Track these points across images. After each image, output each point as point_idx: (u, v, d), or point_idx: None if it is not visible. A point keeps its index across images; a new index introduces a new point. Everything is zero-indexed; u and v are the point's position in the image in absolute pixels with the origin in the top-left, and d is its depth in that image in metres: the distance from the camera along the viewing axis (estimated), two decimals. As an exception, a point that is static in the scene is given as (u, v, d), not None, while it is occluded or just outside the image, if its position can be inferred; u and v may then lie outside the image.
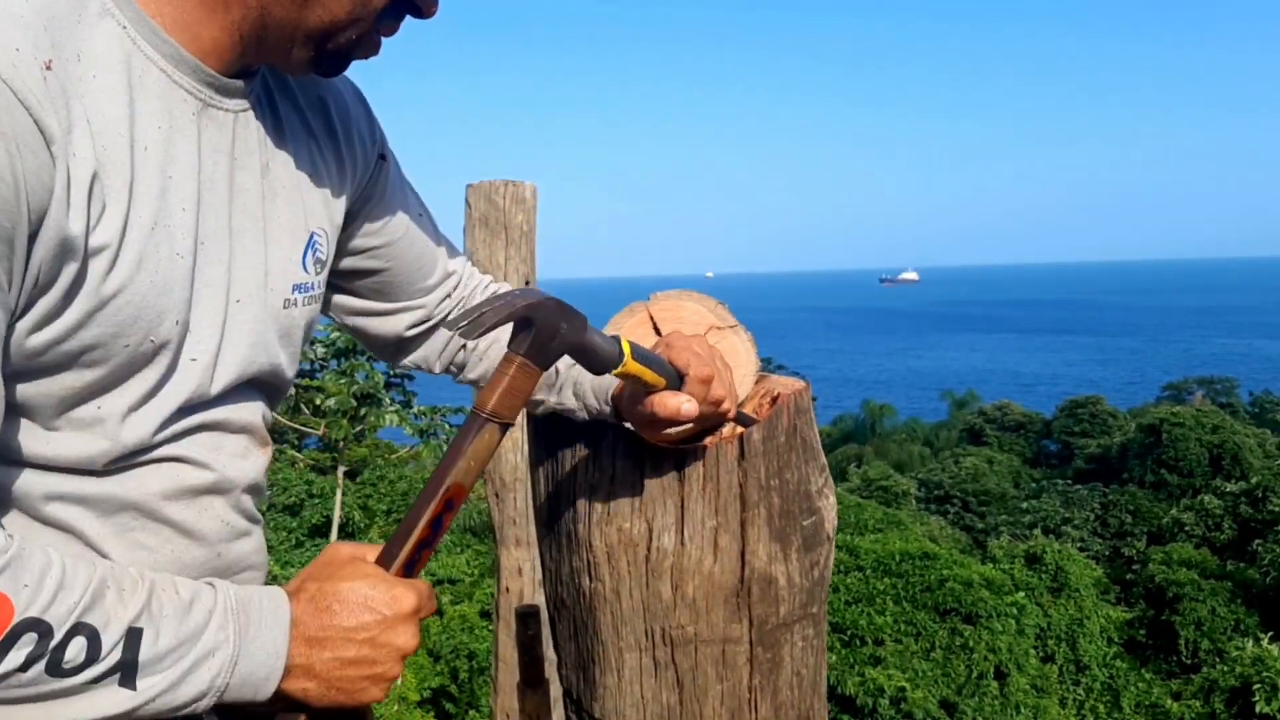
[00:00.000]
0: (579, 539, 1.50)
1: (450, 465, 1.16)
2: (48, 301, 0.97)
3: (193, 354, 1.12)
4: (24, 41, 0.91)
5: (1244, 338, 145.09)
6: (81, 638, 0.96)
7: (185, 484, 1.15)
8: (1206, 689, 19.16)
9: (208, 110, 1.10)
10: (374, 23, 1.12)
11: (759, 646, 1.48)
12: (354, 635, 1.11)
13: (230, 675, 1.05)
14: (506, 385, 1.17)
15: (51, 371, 1.01)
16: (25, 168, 0.89)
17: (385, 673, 1.14)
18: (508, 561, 4.81)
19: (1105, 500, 37.24)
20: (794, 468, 1.48)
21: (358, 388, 17.37)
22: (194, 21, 1.07)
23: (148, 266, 1.03)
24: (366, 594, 1.12)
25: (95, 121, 0.97)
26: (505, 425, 1.17)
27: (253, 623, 1.07)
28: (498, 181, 4.64)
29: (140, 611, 1.00)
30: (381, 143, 1.39)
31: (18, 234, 0.90)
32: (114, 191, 0.99)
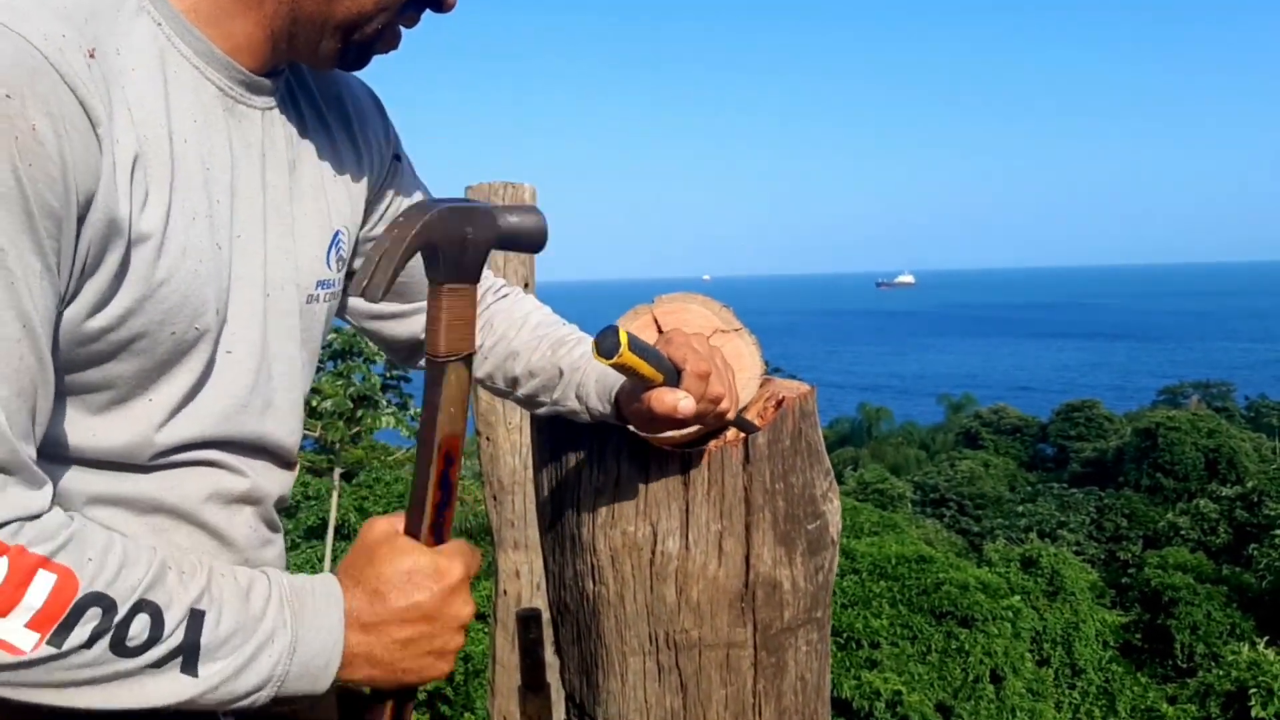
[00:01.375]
0: (583, 542, 1.49)
1: (433, 422, 1.11)
2: (96, 286, 0.97)
3: (228, 347, 1.13)
4: (69, 29, 0.92)
5: (1240, 342, 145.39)
6: (145, 615, 0.94)
7: (221, 489, 1.16)
8: (1202, 693, 19.18)
9: (237, 107, 1.12)
10: (397, 14, 1.14)
11: (763, 651, 1.48)
12: (408, 615, 1.09)
13: (290, 663, 1.03)
14: (446, 319, 1.09)
15: (102, 360, 1.02)
16: (73, 148, 0.90)
17: (446, 645, 1.12)
18: (505, 564, 4.80)
19: (1101, 504, 37.31)
20: (799, 471, 1.48)
21: (354, 390, 17.38)
22: (226, 17, 1.08)
23: (191, 255, 1.04)
24: (411, 571, 1.10)
25: (136, 111, 0.98)
26: (467, 358, 1.12)
27: (308, 609, 1.06)
28: (497, 183, 4.64)
29: (201, 594, 0.99)
30: (396, 143, 1.41)
31: (66, 214, 0.91)
32: (156, 180, 1.00)
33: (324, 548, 18.66)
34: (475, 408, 4.80)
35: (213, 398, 1.12)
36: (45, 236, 0.89)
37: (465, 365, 1.12)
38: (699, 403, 1.27)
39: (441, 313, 1.09)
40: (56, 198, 0.89)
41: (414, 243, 1.05)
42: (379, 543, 1.13)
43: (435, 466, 1.12)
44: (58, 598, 0.90)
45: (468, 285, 1.10)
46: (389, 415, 18.06)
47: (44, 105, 0.88)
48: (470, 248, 1.09)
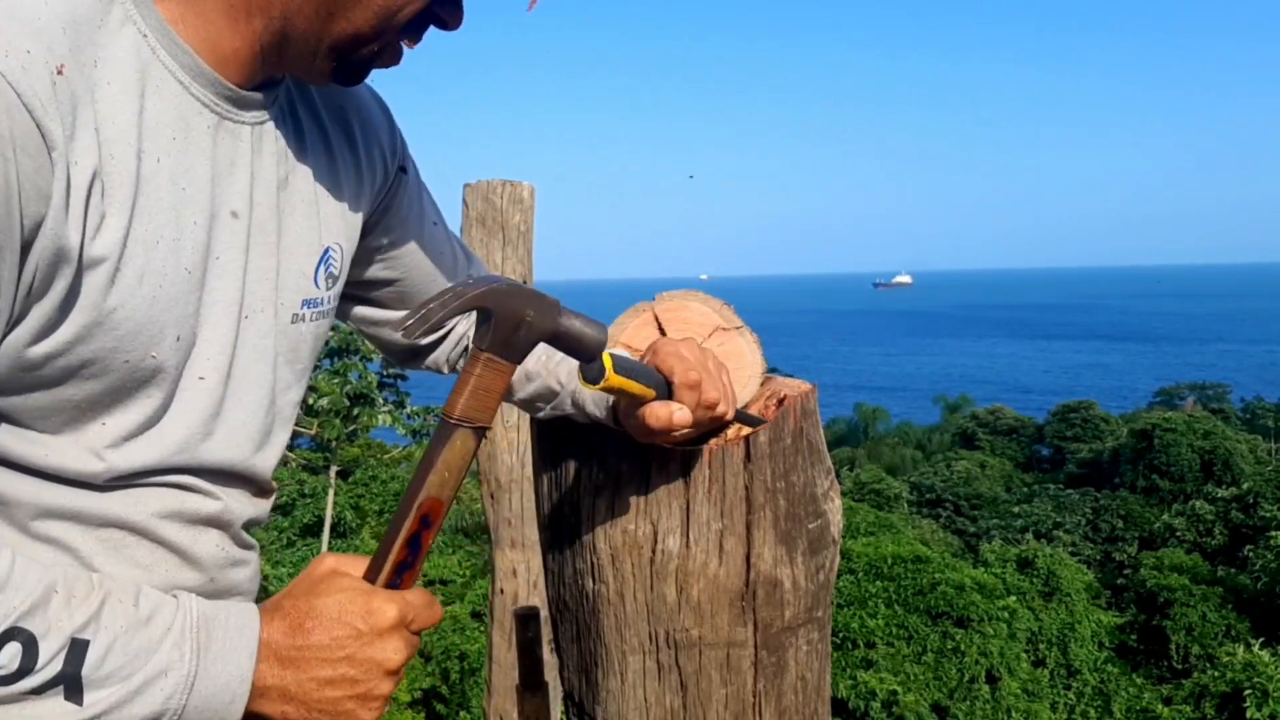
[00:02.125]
0: (583, 541, 1.48)
1: (423, 479, 1.08)
2: (42, 311, 0.94)
3: (200, 372, 1.10)
4: (37, 45, 0.89)
5: (1237, 344, 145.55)
6: (16, 643, 0.90)
7: (185, 509, 1.13)
8: (1197, 694, 19.18)
9: (224, 123, 1.08)
10: (397, 34, 1.11)
11: (764, 650, 1.47)
12: (329, 654, 1.05)
13: (186, 696, 0.99)
14: (473, 385, 1.08)
15: (50, 385, 0.99)
16: (21, 171, 0.87)
17: (371, 691, 1.07)
18: (502, 563, 4.79)
19: (1097, 505, 37.34)
20: (800, 470, 1.47)
21: (351, 388, 17.36)
22: (215, 31, 1.05)
23: (149, 281, 1.01)
24: (343, 607, 1.06)
25: (105, 129, 0.96)
26: (480, 430, 1.09)
27: (215, 642, 1.01)
28: (495, 181, 4.63)
29: (87, 622, 0.94)
30: (402, 154, 1.37)
31: (8, 239, 0.88)
32: (116, 203, 0.97)
33: (320, 545, 18.64)
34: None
35: (174, 425, 1.09)
36: None
37: (475, 436, 1.09)
38: (694, 411, 1.26)
39: (472, 378, 1.09)
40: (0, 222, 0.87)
41: (470, 303, 1.06)
42: (321, 577, 1.09)
43: (409, 525, 1.09)
44: None
45: (506, 363, 1.09)
46: (385, 413, 18.03)
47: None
48: (524, 329, 1.09)
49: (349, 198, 1.28)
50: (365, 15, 1.06)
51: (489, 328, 1.08)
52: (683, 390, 1.26)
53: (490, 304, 1.07)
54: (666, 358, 1.29)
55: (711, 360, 1.34)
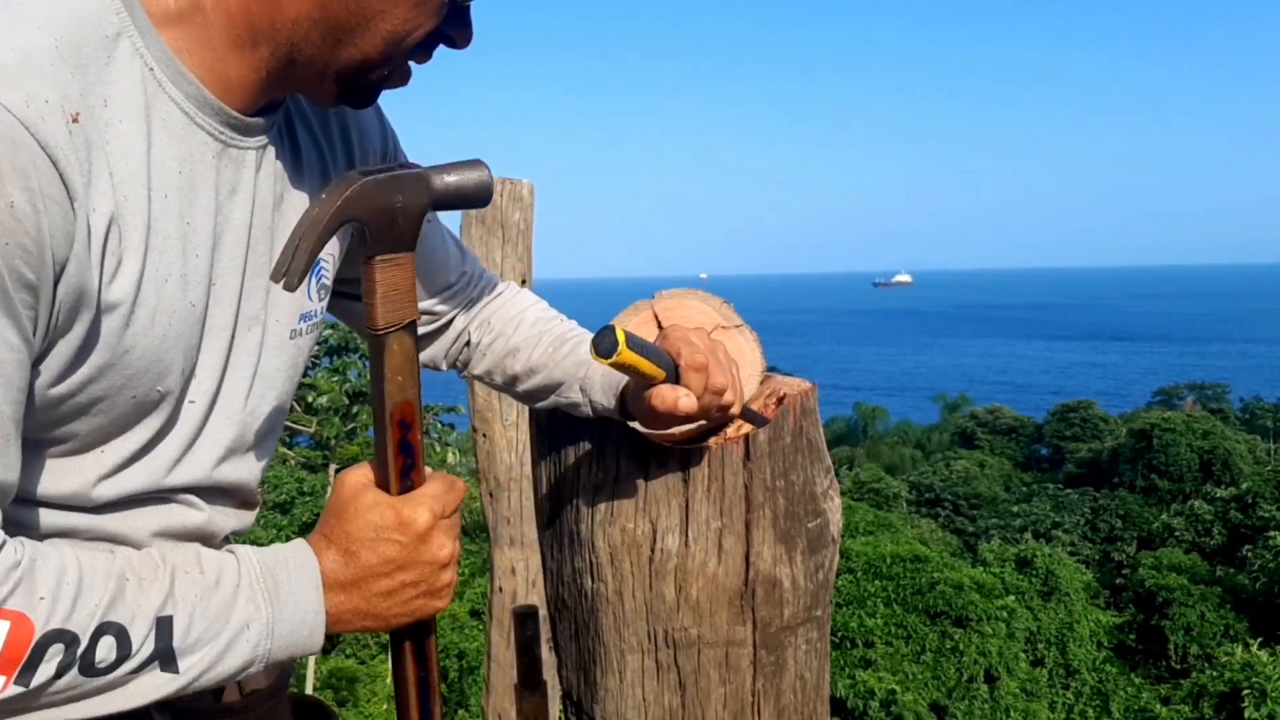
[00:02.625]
0: (581, 539, 1.48)
1: (381, 392, 1.10)
2: (62, 352, 0.96)
3: (192, 396, 1.12)
4: (52, 93, 0.90)
5: (1236, 343, 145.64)
6: (109, 637, 0.95)
7: (173, 525, 1.15)
8: (1196, 694, 19.20)
9: (227, 151, 1.08)
10: (406, 56, 1.10)
11: (763, 649, 1.46)
12: (384, 569, 1.11)
13: (270, 641, 1.05)
14: (381, 291, 1.07)
15: (60, 422, 1.01)
16: (51, 222, 0.89)
17: (434, 585, 1.15)
18: (501, 561, 4.79)
19: (1096, 505, 37.37)
20: (800, 469, 1.47)
21: (350, 385, 17.35)
22: (220, 59, 1.04)
23: (160, 320, 1.02)
24: (377, 526, 1.11)
25: (117, 171, 0.96)
26: (409, 325, 1.10)
27: (282, 585, 1.07)
28: (495, 179, 4.63)
29: (165, 599, 0.99)
30: (393, 153, 1.37)
31: (43, 285, 0.90)
32: (131, 245, 0.98)
33: (319, 544, 18.66)
34: (472, 404, 4.79)
35: (165, 447, 1.11)
36: (22, 309, 0.89)
37: (408, 333, 1.10)
38: (701, 396, 1.26)
39: (376, 285, 1.07)
40: (33, 270, 0.88)
41: (332, 223, 1.02)
42: (347, 500, 1.13)
43: (391, 435, 1.12)
44: (15, 642, 0.90)
45: (403, 255, 1.08)
46: (384, 411, 17.99)
47: (23, 180, 0.86)
48: (401, 216, 1.06)
49: None
50: (373, 41, 1.05)
51: (366, 233, 1.05)
52: (689, 373, 1.24)
53: (355, 212, 1.03)
54: (675, 342, 1.28)
55: (722, 351, 1.33)
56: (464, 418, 16.03)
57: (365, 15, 1.03)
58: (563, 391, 1.43)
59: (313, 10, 1.03)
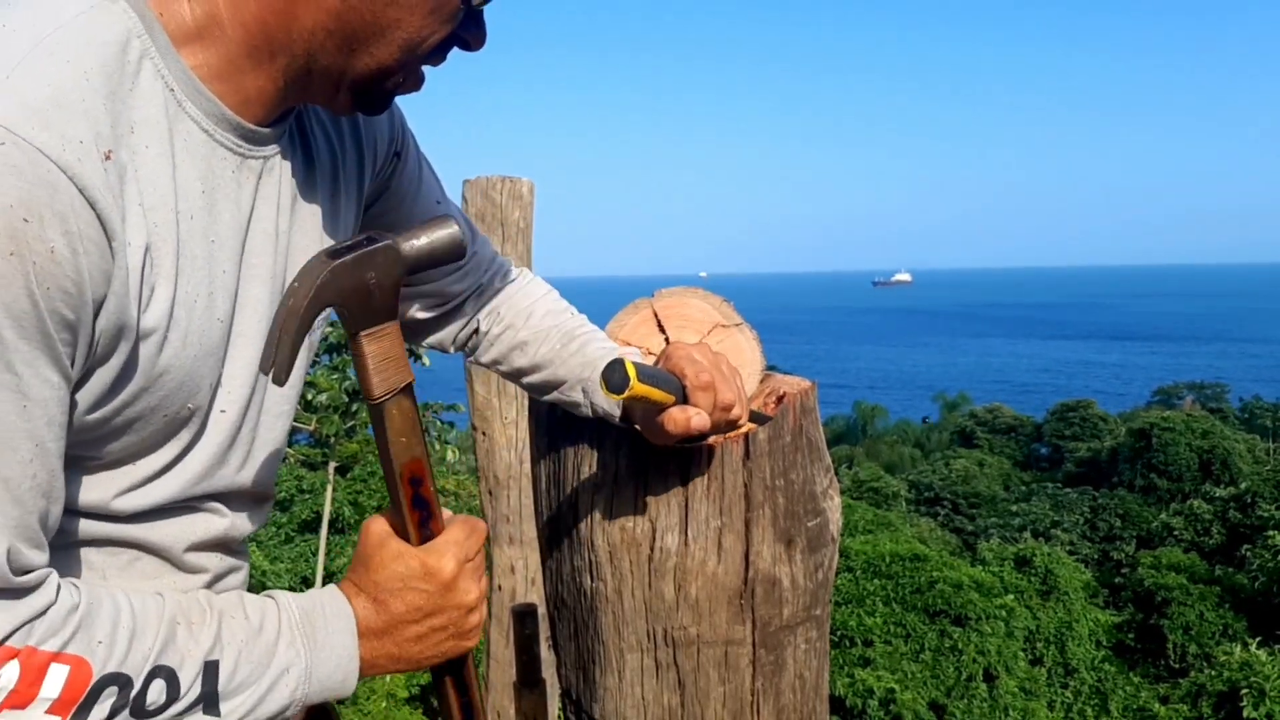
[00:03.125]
0: (581, 538, 1.48)
1: (387, 455, 1.12)
2: (101, 379, 0.97)
3: (222, 406, 1.13)
4: (86, 132, 0.90)
5: (1235, 343, 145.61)
6: (160, 680, 0.98)
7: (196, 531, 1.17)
8: (1194, 693, 19.18)
9: (245, 162, 1.09)
10: (421, 62, 1.11)
11: (762, 648, 1.46)
12: (412, 617, 1.15)
13: (308, 685, 1.09)
14: (373, 364, 1.08)
15: (95, 443, 1.03)
16: (90, 263, 0.89)
17: (462, 628, 1.18)
18: (500, 559, 4.79)
19: (1095, 504, 37.34)
20: (799, 468, 1.46)
21: (349, 383, 17.33)
22: (238, 71, 1.05)
23: (191, 341, 1.04)
24: (403, 576, 1.14)
25: (147, 200, 0.97)
26: (405, 389, 1.11)
27: (319, 632, 1.11)
28: (495, 178, 4.62)
29: (213, 644, 1.03)
30: (400, 139, 1.37)
31: (82, 323, 0.91)
32: (163, 272, 0.99)
33: (318, 541, 18.64)
34: (471, 402, 4.78)
35: (195, 458, 1.12)
36: (61, 346, 0.90)
37: (405, 395, 1.11)
38: (711, 414, 1.27)
39: (366, 359, 1.08)
40: (72, 310, 0.89)
41: (308, 314, 1.02)
42: (373, 550, 1.16)
43: (404, 493, 1.14)
44: (73, 685, 0.93)
45: (386, 324, 1.08)
46: (384, 409, 17.95)
47: (62, 224, 0.87)
48: (376, 291, 1.06)
49: (349, 198, 1.29)
50: (389, 50, 1.06)
51: (344, 315, 1.06)
52: (696, 392, 1.27)
53: (329, 298, 1.03)
54: (679, 361, 1.30)
55: (725, 364, 1.35)
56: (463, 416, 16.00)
57: (381, 24, 1.04)
58: (565, 390, 1.43)
59: (328, 21, 1.03)
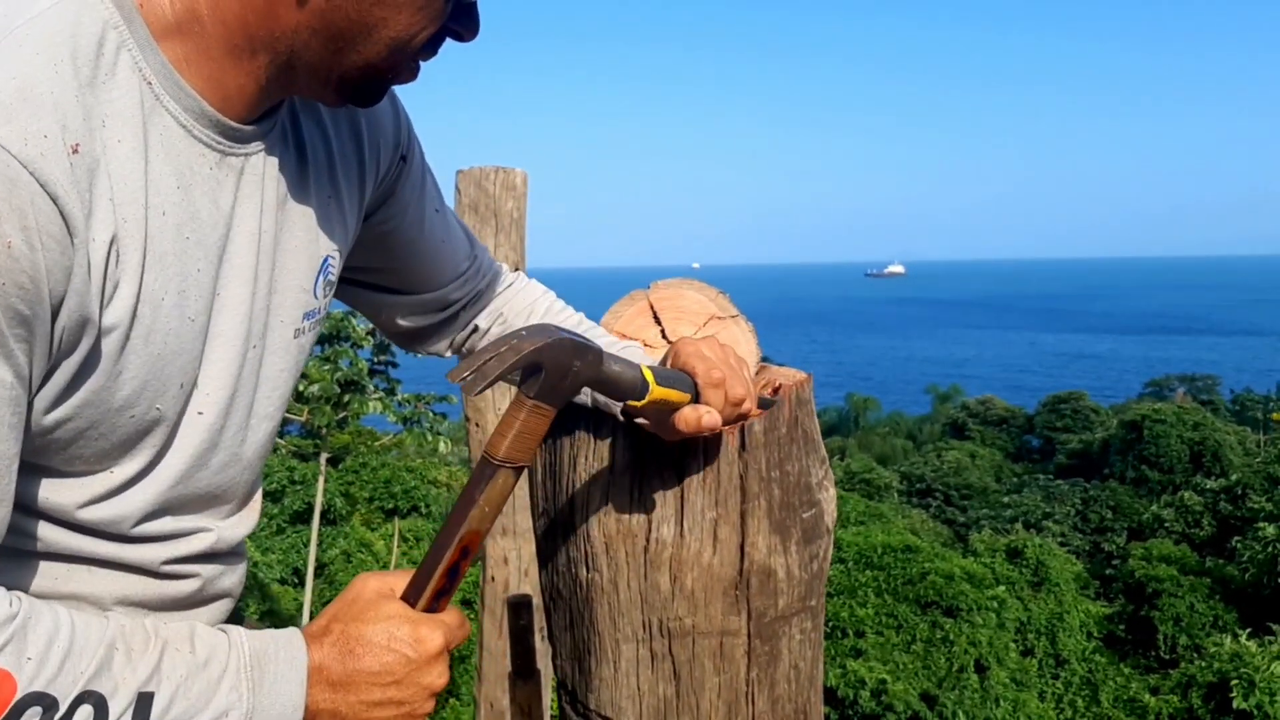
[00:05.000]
0: (576, 529, 1.48)
1: (464, 513, 1.13)
2: (61, 375, 0.96)
3: (199, 408, 1.11)
4: (52, 125, 0.89)
5: (1227, 335, 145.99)
6: (88, 705, 0.94)
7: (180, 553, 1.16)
8: (1184, 684, 19.27)
9: (226, 159, 1.07)
10: (412, 57, 1.09)
11: (757, 639, 1.47)
12: (379, 679, 1.10)
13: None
14: (518, 429, 1.12)
15: (62, 447, 1.01)
16: (49, 259, 0.89)
17: (415, 711, 1.14)
18: (493, 551, 4.79)
19: (1086, 496, 37.45)
20: (795, 459, 1.47)
21: (341, 374, 17.31)
22: (219, 68, 1.03)
23: (155, 340, 1.02)
24: (392, 635, 1.11)
25: (118, 194, 0.96)
26: (519, 469, 1.14)
27: (267, 677, 1.06)
28: (488, 168, 4.61)
29: (151, 675, 0.99)
30: (406, 143, 1.35)
31: (39, 320, 0.90)
32: (128, 267, 0.97)
33: (309, 532, 18.62)
34: (464, 394, 4.78)
35: (172, 461, 1.11)
36: (15, 342, 0.88)
37: (514, 474, 1.14)
38: (723, 410, 1.27)
39: (518, 423, 1.12)
40: (28, 305, 0.88)
41: (525, 360, 1.09)
42: (367, 604, 1.13)
43: (450, 555, 1.14)
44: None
45: (550, 409, 1.14)
46: (376, 400, 17.95)
47: (20, 219, 0.86)
48: (570, 379, 1.13)
49: (349, 198, 1.26)
50: (376, 48, 1.04)
51: (538, 379, 1.12)
52: (709, 390, 1.27)
53: (544, 359, 1.11)
54: (689, 358, 1.29)
55: (732, 357, 1.34)
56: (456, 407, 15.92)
57: (367, 23, 1.01)
58: None
59: (311, 20, 1.01)
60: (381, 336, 10.63)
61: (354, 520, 22.99)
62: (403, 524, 24.94)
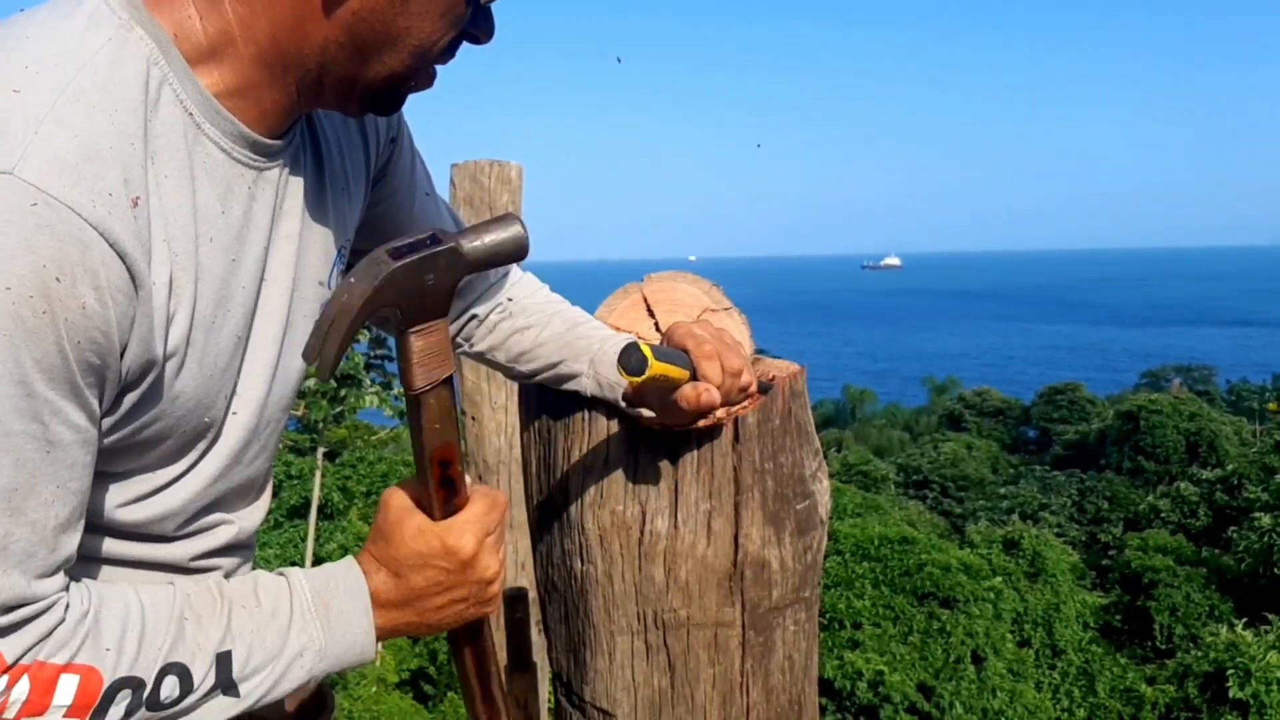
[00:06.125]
0: (571, 521, 1.48)
1: (420, 443, 1.14)
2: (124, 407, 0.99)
3: (235, 409, 1.14)
4: (116, 182, 0.91)
5: (1223, 326, 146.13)
6: (173, 676, 1.00)
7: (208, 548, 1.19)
8: (1181, 674, 19.31)
9: (262, 175, 1.09)
10: (432, 62, 1.11)
11: (751, 630, 1.47)
12: (434, 589, 1.16)
13: (324, 663, 1.12)
14: (418, 357, 1.08)
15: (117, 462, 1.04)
16: (120, 312, 0.91)
17: (482, 597, 1.20)
18: (490, 543, 4.79)
19: (1083, 487, 37.50)
20: (788, 451, 1.47)
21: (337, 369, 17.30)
22: (253, 87, 1.05)
23: (208, 362, 1.05)
24: (424, 554, 1.15)
25: (170, 231, 0.97)
26: (445, 380, 1.12)
27: (333, 612, 1.12)
28: (483, 161, 4.60)
29: (224, 635, 1.05)
30: (396, 125, 1.37)
31: (110, 366, 0.93)
32: (183, 300, 1.00)
33: (306, 527, 18.64)
34: (460, 387, 4.78)
35: (211, 460, 1.14)
36: (88, 390, 0.92)
37: (444, 385, 1.12)
38: (722, 384, 1.28)
39: (411, 355, 1.08)
40: (100, 357, 0.91)
41: (363, 313, 1.02)
42: (394, 526, 1.17)
43: (433, 474, 1.15)
44: (85, 692, 0.95)
45: (435, 322, 1.08)
46: (372, 394, 17.94)
47: (93, 280, 0.88)
48: (433, 293, 1.06)
49: (356, 187, 1.29)
50: (400, 56, 1.06)
51: (399, 314, 1.05)
52: (703, 363, 1.27)
53: (385, 299, 1.02)
54: (681, 338, 1.30)
55: (726, 336, 1.35)
56: (453, 401, 15.89)
57: (392, 34, 1.04)
58: (567, 367, 1.44)
59: (339, 34, 1.03)
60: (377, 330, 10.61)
61: (351, 515, 23.00)
62: (400, 518, 24.81)
